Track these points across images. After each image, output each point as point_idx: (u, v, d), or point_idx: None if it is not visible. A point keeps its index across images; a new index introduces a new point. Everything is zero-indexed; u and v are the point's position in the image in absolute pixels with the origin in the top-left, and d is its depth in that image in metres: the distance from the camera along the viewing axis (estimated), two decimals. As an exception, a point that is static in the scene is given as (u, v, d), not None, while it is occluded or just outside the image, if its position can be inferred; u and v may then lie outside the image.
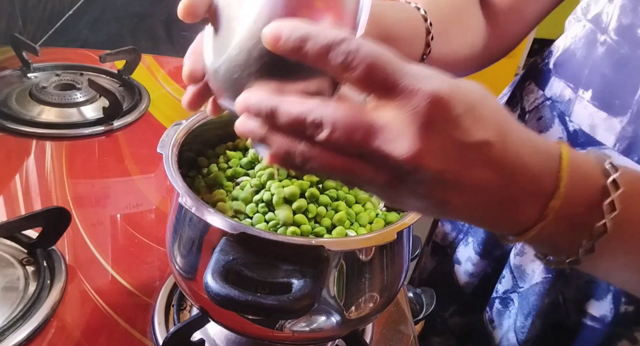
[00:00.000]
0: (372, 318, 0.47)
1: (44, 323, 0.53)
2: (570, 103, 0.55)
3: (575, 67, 0.55)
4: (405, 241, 0.45)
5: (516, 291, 0.59)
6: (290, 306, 0.33)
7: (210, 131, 0.51)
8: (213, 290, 0.34)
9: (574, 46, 0.56)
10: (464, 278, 0.66)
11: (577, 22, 0.56)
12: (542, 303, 0.57)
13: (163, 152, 0.44)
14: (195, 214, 0.39)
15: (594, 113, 0.52)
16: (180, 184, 0.41)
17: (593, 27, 0.54)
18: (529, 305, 0.58)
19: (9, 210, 0.67)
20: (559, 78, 0.57)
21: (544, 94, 0.59)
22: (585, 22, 0.55)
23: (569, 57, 0.56)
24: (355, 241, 0.41)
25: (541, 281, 0.56)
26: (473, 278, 0.65)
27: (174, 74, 1.02)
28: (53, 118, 0.84)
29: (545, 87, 0.59)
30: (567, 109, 0.55)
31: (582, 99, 0.53)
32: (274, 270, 0.36)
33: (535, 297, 0.57)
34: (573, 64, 0.55)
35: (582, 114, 0.53)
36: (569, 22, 0.59)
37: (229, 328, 0.46)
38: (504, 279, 0.61)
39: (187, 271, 0.44)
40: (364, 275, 0.42)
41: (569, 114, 0.55)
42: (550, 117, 0.57)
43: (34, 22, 1.09)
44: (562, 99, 0.56)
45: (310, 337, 0.44)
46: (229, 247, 0.36)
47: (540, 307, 0.57)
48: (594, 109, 0.52)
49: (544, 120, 0.57)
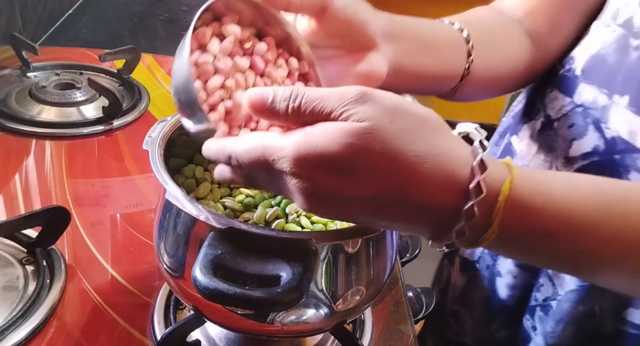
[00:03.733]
0: (360, 310, 0.47)
1: (44, 323, 0.53)
2: (605, 110, 0.53)
3: (608, 73, 0.54)
4: (390, 234, 0.46)
5: (555, 299, 0.58)
6: (279, 299, 0.34)
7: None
8: (201, 284, 0.34)
9: (605, 51, 0.55)
10: (506, 291, 0.65)
11: (606, 28, 0.55)
12: (576, 310, 0.56)
13: (149, 149, 0.44)
14: (182, 210, 0.39)
15: (632, 120, 0.51)
16: (167, 180, 0.41)
17: (624, 31, 0.53)
18: (562, 312, 0.57)
19: (9, 209, 0.67)
20: (589, 84, 0.55)
21: (572, 100, 0.57)
22: (615, 27, 0.54)
23: (599, 62, 0.55)
24: (342, 234, 0.41)
25: (576, 289, 0.56)
26: (515, 290, 0.64)
27: (173, 73, 1.02)
28: (53, 117, 0.84)
29: (573, 94, 0.57)
30: (602, 115, 0.53)
31: (618, 105, 0.52)
32: (262, 263, 0.36)
33: (569, 304, 0.56)
34: (605, 70, 0.54)
35: (620, 120, 0.52)
36: (594, 28, 0.58)
37: (220, 324, 0.47)
38: (543, 287, 0.60)
39: (175, 269, 0.44)
40: (351, 267, 0.43)
41: (605, 121, 0.53)
42: (584, 124, 0.55)
43: (33, 21, 1.09)
44: (595, 106, 0.54)
45: (299, 329, 0.45)
46: (217, 241, 0.37)
47: (573, 314, 0.56)
48: (632, 115, 0.51)
49: (577, 127, 0.56)
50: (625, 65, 0.52)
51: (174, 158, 0.50)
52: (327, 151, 0.32)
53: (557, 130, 0.58)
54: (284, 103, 0.34)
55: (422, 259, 0.77)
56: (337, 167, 0.32)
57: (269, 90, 0.35)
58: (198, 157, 0.52)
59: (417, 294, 0.68)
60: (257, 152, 0.34)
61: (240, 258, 0.36)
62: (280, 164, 0.33)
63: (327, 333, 0.54)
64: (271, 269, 0.35)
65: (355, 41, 0.45)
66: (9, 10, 1.00)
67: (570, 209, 0.35)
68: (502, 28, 0.59)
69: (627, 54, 0.52)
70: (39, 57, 0.94)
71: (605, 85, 0.54)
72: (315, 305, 0.42)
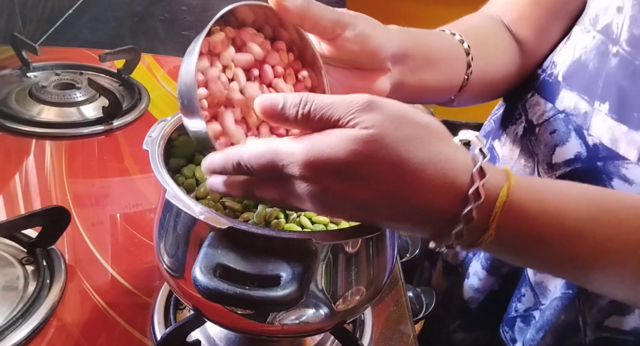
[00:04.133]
0: (360, 310, 0.48)
1: (44, 323, 0.53)
2: (587, 116, 0.53)
3: (588, 79, 0.54)
4: (390, 234, 0.46)
5: (538, 309, 0.59)
6: (279, 299, 0.34)
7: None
8: (202, 284, 0.34)
9: (585, 57, 0.55)
10: (470, 293, 0.66)
11: (586, 33, 0.55)
12: (558, 319, 0.56)
13: (149, 149, 0.44)
14: (182, 210, 0.39)
15: (613, 126, 0.51)
16: (167, 180, 0.41)
17: (603, 38, 0.53)
18: (543, 319, 0.57)
19: (9, 209, 0.67)
20: (570, 90, 0.56)
21: (554, 106, 0.57)
22: (594, 33, 0.54)
23: (580, 68, 0.55)
24: (342, 234, 0.41)
25: (560, 297, 0.56)
26: (478, 294, 0.65)
27: (173, 73, 1.02)
28: (53, 117, 0.84)
29: (554, 100, 0.58)
30: (584, 122, 0.54)
31: (599, 112, 0.52)
32: (262, 263, 0.36)
33: (551, 311, 0.56)
34: (585, 76, 0.54)
35: (601, 127, 0.52)
36: (574, 33, 0.58)
37: (220, 324, 0.47)
38: (524, 297, 0.60)
39: (175, 269, 0.44)
40: (351, 267, 0.43)
41: (586, 128, 0.53)
42: (566, 130, 0.55)
43: (33, 21, 1.09)
44: (577, 112, 0.55)
45: (299, 329, 0.45)
46: (217, 241, 0.37)
47: (554, 322, 0.56)
48: (613, 122, 0.51)
49: (559, 134, 0.56)
50: (605, 71, 0.52)
51: (174, 158, 0.50)
52: (334, 157, 0.33)
53: (539, 136, 0.59)
54: (293, 109, 0.35)
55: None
56: (344, 172, 0.34)
57: (279, 96, 0.36)
58: (198, 157, 0.52)
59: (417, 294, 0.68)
60: (267, 158, 0.35)
61: (240, 258, 0.36)
62: (290, 169, 0.34)
63: (327, 333, 0.54)
64: (271, 269, 0.36)
65: (365, 65, 0.47)
66: (9, 10, 1.00)
67: (563, 217, 0.36)
68: (495, 35, 0.60)
69: (606, 61, 0.52)
70: (39, 57, 0.94)
71: (586, 91, 0.54)
72: (315, 305, 0.42)
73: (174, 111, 0.47)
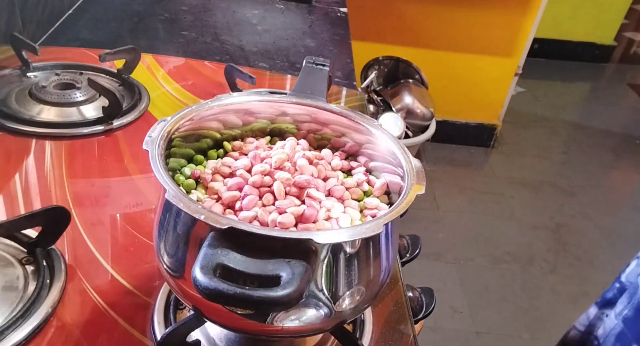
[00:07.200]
0: (360, 310, 0.48)
1: (44, 323, 0.53)
2: None
3: None
4: (391, 234, 0.46)
5: None
6: (279, 299, 0.34)
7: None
8: (202, 284, 0.34)
9: None
10: None
11: None
12: None
13: (149, 149, 0.44)
14: (182, 210, 0.39)
15: None
16: (167, 180, 0.41)
17: None
18: None
19: (9, 209, 0.67)
20: None
21: None
22: None
23: None
24: (342, 234, 0.41)
25: None
26: None
27: (173, 73, 1.02)
28: (52, 117, 0.84)
29: None
30: None
31: None
32: (262, 263, 0.36)
33: None
34: None
35: None
36: None
37: (220, 324, 0.47)
38: None
39: (175, 269, 0.44)
40: (351, 267, 0.43)
41: None
42: None
43: (33, 21, 1.09)
44: None
45: (299, 329, 0.45)
46: (217, 241, 0.37)
47: None
48: None
49: None
50: None
51: (174, 158, 0.50)
52: None
53: None
54: None
55: (422, 259, 0.77)
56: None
57: None
58: (198, 157, 0.52)
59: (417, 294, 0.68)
60: None
61: (240, 258, 0.36)
62: None
63: (327, 333, 0.54)
64: (271, 269, 0.36)
65: None
66: (9, 10, 0.99)
67: None
68: None
69: None
70: (39, 57, 0.94)
71: None
72: (315, 305, 0.42)
73: (174, 111, 0.47)
